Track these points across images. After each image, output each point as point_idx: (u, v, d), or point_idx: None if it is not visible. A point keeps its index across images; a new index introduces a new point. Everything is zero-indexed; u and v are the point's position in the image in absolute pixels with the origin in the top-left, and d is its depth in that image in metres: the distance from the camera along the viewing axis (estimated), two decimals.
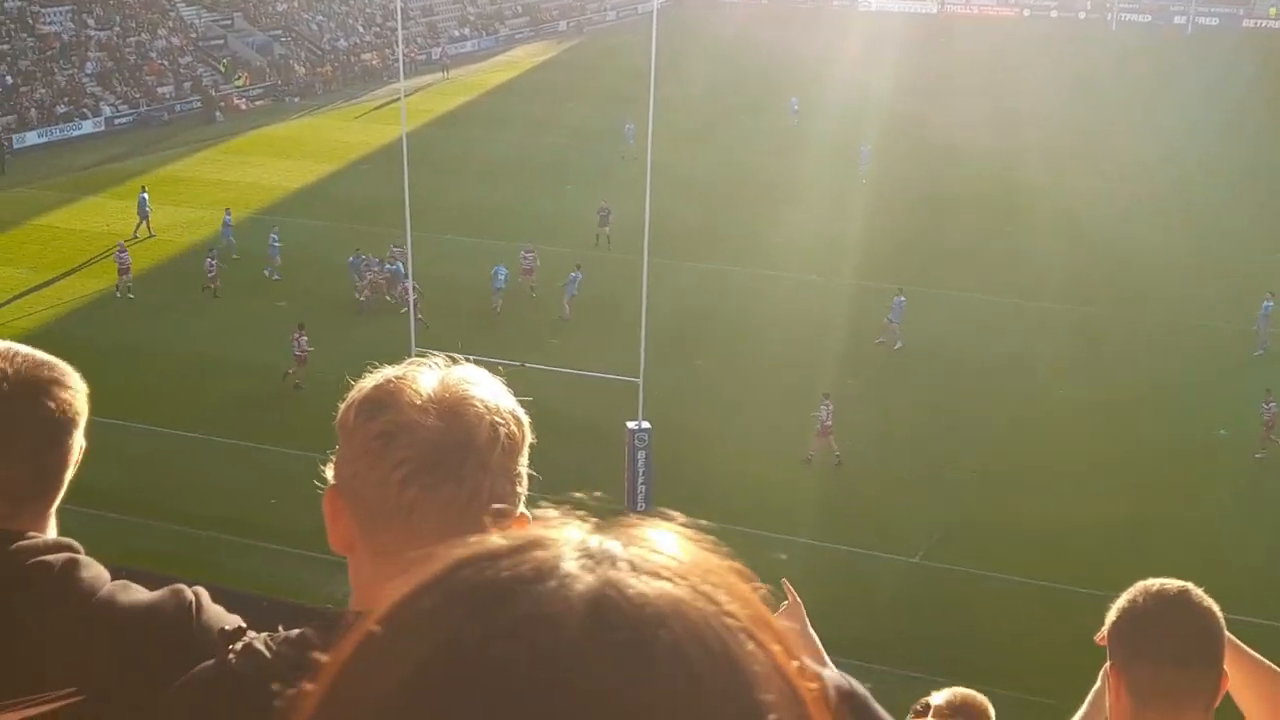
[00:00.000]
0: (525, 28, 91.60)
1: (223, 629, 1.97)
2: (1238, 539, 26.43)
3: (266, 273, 40.75)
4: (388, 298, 38.12)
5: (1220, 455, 30.16)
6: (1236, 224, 46.17)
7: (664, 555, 0.92)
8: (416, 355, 1.96)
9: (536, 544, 0.91)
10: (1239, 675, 3.20)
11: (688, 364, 34.01)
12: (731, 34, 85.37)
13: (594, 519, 0.97)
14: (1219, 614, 3.06)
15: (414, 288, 33.30)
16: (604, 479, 27.09)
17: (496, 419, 1.79)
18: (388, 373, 1.86)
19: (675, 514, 1.00)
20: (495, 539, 0.93)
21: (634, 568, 0.89)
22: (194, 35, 73.08)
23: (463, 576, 0.89)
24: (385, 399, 1.81)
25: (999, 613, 24.09)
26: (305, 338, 33.49)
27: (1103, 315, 38.02)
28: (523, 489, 1.84)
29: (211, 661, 1.87)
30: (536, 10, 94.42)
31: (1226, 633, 3.10)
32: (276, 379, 33.37)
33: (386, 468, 1.77)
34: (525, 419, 1.85)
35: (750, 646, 0.89)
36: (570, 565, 0.89)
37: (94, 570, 2.10)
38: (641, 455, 27.06)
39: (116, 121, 63.03)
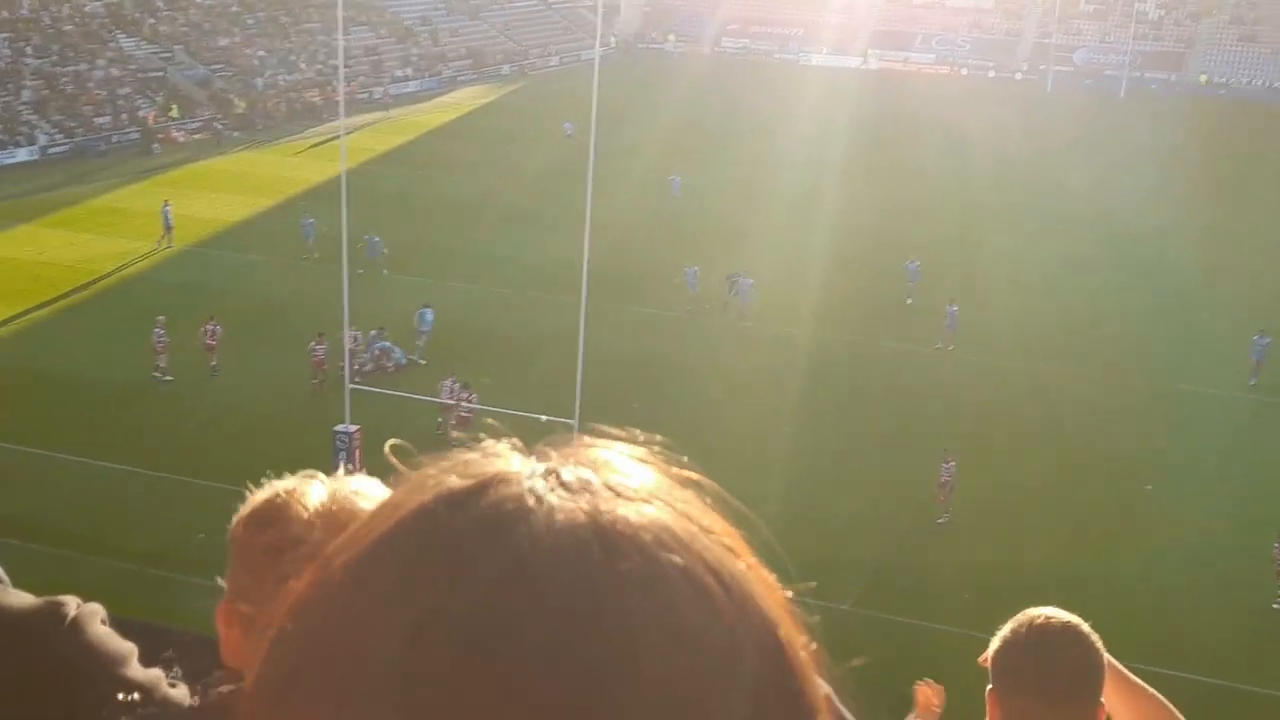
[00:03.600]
0: (468, 70, 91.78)
1: (119, 699, 1.81)
2: (1164, 593, 26.76)
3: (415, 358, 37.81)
4: (388, 366, 36.76)
5: (1146, 509, 30.49)
6: (1170, 282, 46.91)
7: (636, 477, 0.84)
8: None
9: (499, 479, 0.81)
10: (1120, 703, 3.22)
11: (625, 406, 33.95)
12: (674, 84, 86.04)
13: (540, 446, 0.87)
14: (1100, 649, 3.06)
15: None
16: None
17: None
18: (277, 486, 1.84)
19: (610, 430, 0.93)
20: (450, 478, 0.82)
21: (617, 493, 0.82)
22: (133, 67, 72.57)
23: (431, 526, 0.78)
24: (273, 513, 1.80)
25: (929, 662, 24.11)
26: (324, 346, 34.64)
27: (1041, 369, 38.44)
28: None
29: None
30: (480, 53, 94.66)
31: (1110, 660, 3.10)
32: (203, 412, 33.11)
33: (273, 583, 1.66)
34: None
35: (741, 565, 0.84)
36: (550, 497, 0.80)
37: None
38: None
39: (51, 151, 62.39)
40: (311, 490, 1.82)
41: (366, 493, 1.81)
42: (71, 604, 1.90)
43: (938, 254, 48.66)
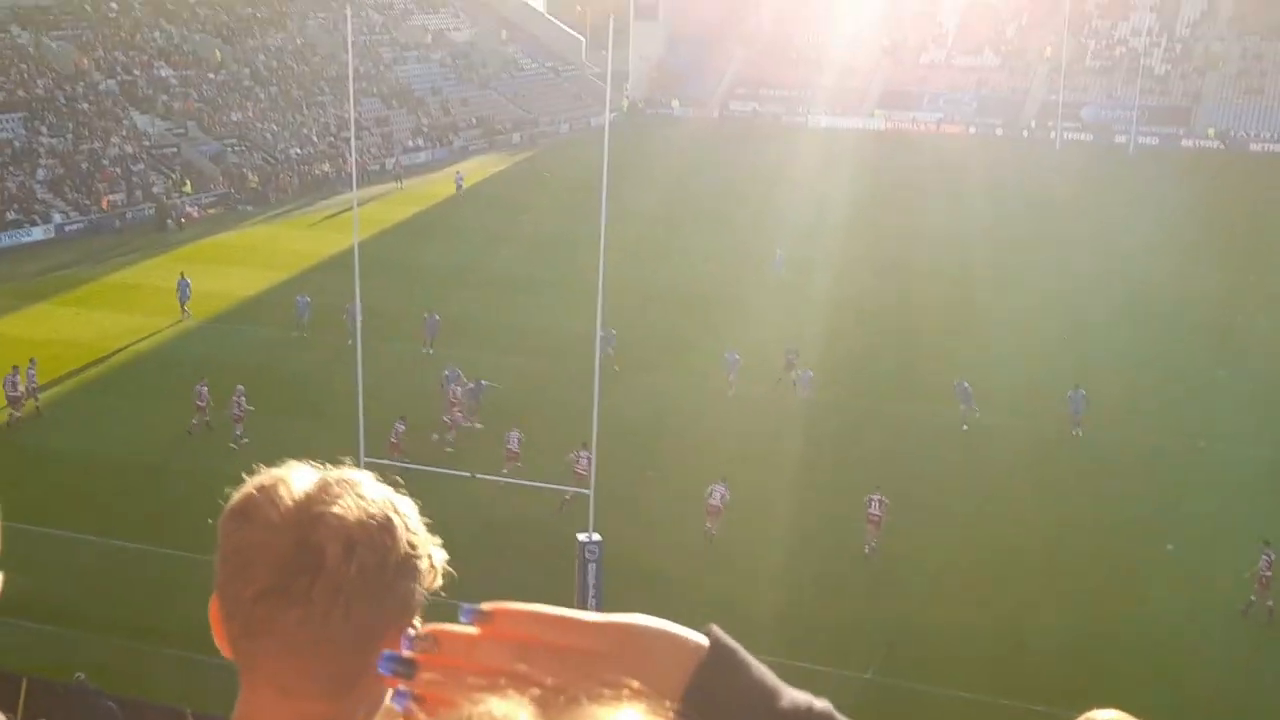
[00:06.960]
0: (479, 139, 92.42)
1: None
2: (1187, 654, 26.44)
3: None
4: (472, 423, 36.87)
5: (1169, 571, 30.17)
6: (1179, 340, 46.71)
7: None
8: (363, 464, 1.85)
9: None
10: None
11: (639, 474, 33.85)
12: (683, 149, 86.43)
13: None
14: None
15: None
16: (554, 592, 26.77)
17: (356, 537, 1.71)
18: (261, 479, 1.80)
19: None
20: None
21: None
22: (147, 143, 73.18)
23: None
24: (249, 511, 1.77)
25: None
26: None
27: (1049, 429, 38.22)
28: (404, 606, 1.73)
29: None
30: (490, 122, 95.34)
31: None
32: (220, 490, 32.91)
33: (240, 585, 1.73)
34: (407, 533, 1.74)
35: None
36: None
37: None
38: (592, 568, 26.77)
39: (67, 229, 62.80)
40: (293, 484, 1.75)
41: (346, 491, 1.74)
42: None
43: (941, 311, 48.69)
